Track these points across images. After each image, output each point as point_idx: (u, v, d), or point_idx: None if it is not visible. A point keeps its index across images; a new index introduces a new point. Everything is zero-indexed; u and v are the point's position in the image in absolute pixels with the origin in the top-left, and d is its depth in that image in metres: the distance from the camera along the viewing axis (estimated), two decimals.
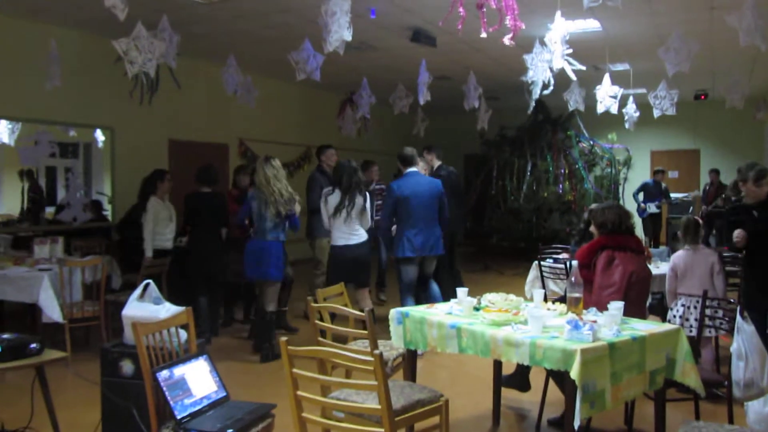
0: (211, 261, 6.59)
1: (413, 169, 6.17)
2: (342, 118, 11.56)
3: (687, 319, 4.77)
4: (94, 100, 8.64)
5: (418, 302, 5.91)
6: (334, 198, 5.93)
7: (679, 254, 5.16)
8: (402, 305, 5.66)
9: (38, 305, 5.67)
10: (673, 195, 12.99)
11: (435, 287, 6.23)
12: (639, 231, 11.69)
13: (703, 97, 13.12)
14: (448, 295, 6.25)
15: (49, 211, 9.45)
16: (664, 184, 12.56)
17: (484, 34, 4.40)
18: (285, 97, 12.09)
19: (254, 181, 6.07)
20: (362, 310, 4.19)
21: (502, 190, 12.80)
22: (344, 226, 5.93)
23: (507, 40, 4.59)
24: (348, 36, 5.21)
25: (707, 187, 13.09)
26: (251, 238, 6.04)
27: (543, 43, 6.23)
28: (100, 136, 9.62)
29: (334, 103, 12.29)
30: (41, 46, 7.35)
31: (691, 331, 4.54)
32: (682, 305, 4.87)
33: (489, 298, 3.88)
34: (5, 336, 3.48)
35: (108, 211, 9.31)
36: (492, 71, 10.73)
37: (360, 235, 6.02)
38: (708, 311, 4.23)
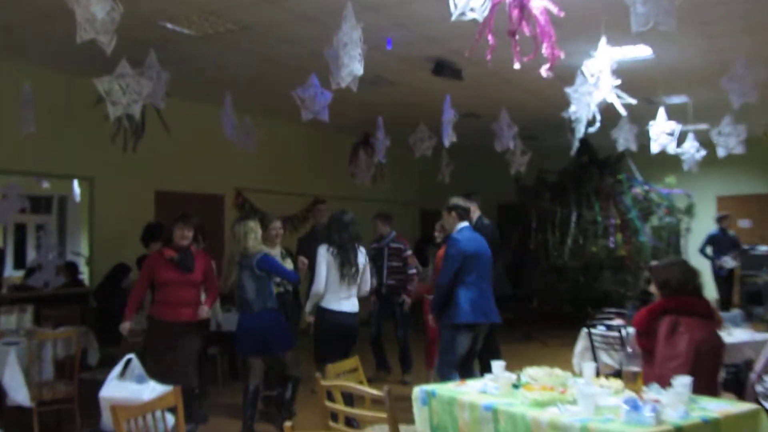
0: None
1: (467, 223, 6.15)
2: (355, 164, 11.66)
3: None
4: (71, 147, 8.78)
5: None
6: (334, 257, 6.00)
7: None
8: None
9: (2, 386, 5.66)
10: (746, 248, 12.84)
11: (477, 372, 6.14)
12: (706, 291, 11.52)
13: None
14: (485, 369, 6.17)
15: (17, 275, 9.54)
16: (731, 232, 12.41)
17: (517, 65, 4.45)
18: (288, 140, 12.26)
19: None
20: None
21: (543, 244, 12.73)
22: (339, 289, 5.99)
23: (544, 71, 4.64)
24: (359, 70, 5.30)
25: None
26: (245, 312, 6.09)
27: (587, 74, 6.29)
28: (77, 187, 9.76)
29: (345, 147, 12.41)
30: (13, 87, 7.53)
31: None
32: None
33: (530, 373, 3.83)
34: None
35: (84, 274, 9.36)
36: (528, 107, 10.82)
37: (354, 303, 6.09)
38: None
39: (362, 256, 6.14)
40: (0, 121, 7.83)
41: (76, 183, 9.75)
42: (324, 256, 6.01)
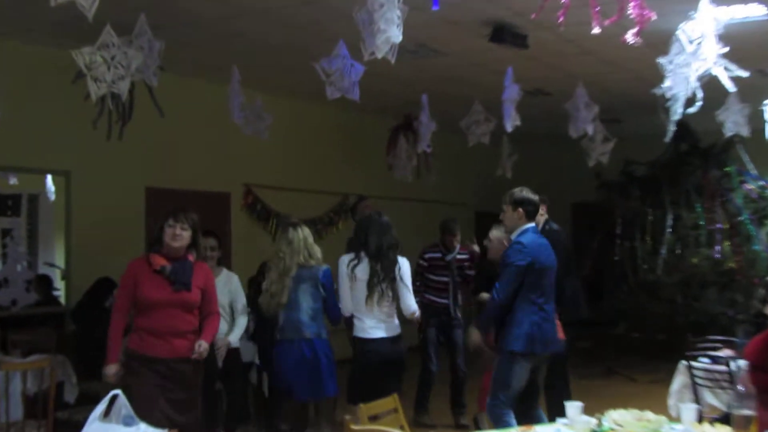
0: None
1: (533, 224, 6.17)
2: (393, 154, 11.66)
3: None
4: (43, 135, 8.85)
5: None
6: (362, 269, 6.02)
7: None
8: (497, 426, 5.60)
9: None
10: None
11: (541, 412, 6.18)
12: None
13: None
14: (555, 411, 6.15)
15: None
16: None
17: (597, 29, 4.43)
18: (310, 125, 12.31)
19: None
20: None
21: (630, 255, 12.64)
22: (377, 310, 6.02)
23: (630, 36, 4.62)
24: (398, 36, 5.31)
25: None
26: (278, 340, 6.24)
27: (686, 41, 6.23)
28: (50, 184, 9.90)
29: (382, 133, 12.41)
30: None
31: None
32: None
33: (614, 417, 3.82)
34: None
35: (60, 290, 9.47)
36: (610, 82, 10.76)
37: (396, 324, 6.14)
38: None
39: (402, 267, 6.15)
40: None
41: (49, 179, 9.89)
42: (345, 271, 6.07)
